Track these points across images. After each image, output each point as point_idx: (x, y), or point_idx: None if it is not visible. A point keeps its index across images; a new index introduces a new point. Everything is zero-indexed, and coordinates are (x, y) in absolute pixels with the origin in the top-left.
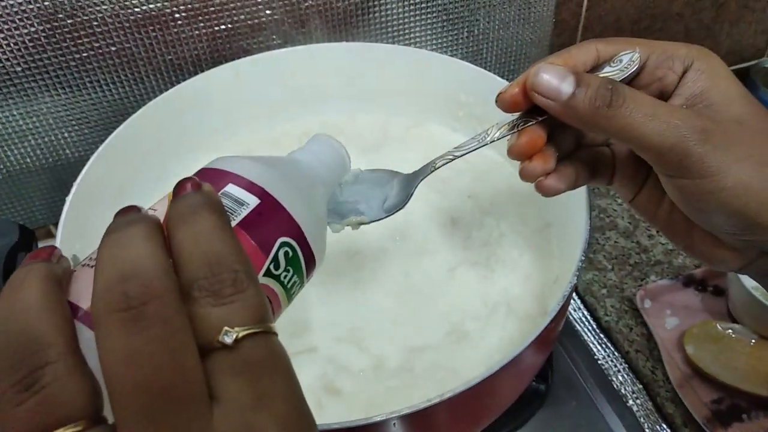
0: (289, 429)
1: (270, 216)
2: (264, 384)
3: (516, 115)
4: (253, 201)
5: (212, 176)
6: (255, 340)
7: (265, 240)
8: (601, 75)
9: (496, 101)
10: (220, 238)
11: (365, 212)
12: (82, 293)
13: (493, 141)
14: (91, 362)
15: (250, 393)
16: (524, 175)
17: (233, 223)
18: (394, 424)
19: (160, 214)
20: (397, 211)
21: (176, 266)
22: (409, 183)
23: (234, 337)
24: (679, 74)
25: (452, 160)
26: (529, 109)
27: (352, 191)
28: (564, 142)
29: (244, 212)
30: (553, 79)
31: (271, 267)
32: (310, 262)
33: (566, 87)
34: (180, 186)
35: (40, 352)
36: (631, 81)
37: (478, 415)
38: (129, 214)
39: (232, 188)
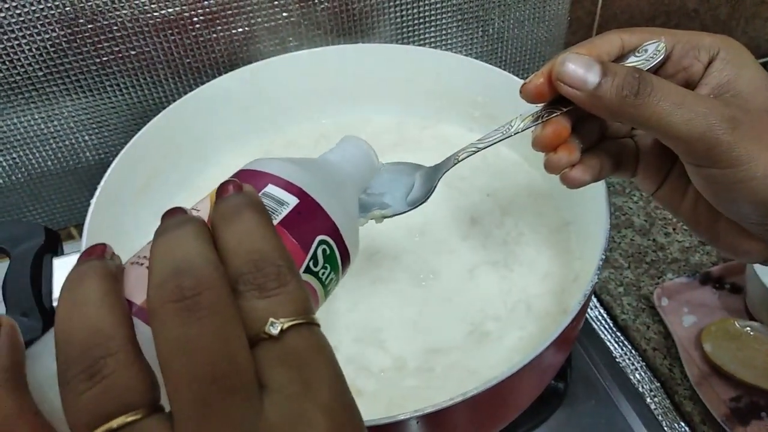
0: (335, 415)
1: (309, 215)
2: (310, 372)
3: (540, 106)
4: (292, 201)
5: (252, 177)
6: (300, 331)
7: (305, 238)
8: (627, 65)
9: (521, 92)
10: (262, 235)
11: (389, 205)
12: (134, 289)
13: (518, 132)
14: (147, 355)
15: (298, 381)
16: (549, 167)
17: (275, 222)
18: (417, 422)
19: (203, 214)
20: (421, 204)
21: (222, 263)
22: (432, 176)
23: (280, 327)
24: (705, 64)
25: (475, 152)
26: (553, 99)
27: (374, 185)
28: (588, 134)
29: (285, 211)
30: (579, 68)
31: (311, 264)
32: (345, 258)
33: (592, 77)
34: (222, 188)
35: (102, 344)
36: (657, 71)
37: (500, 414)
38: (177, 215)
39: (272, 189)
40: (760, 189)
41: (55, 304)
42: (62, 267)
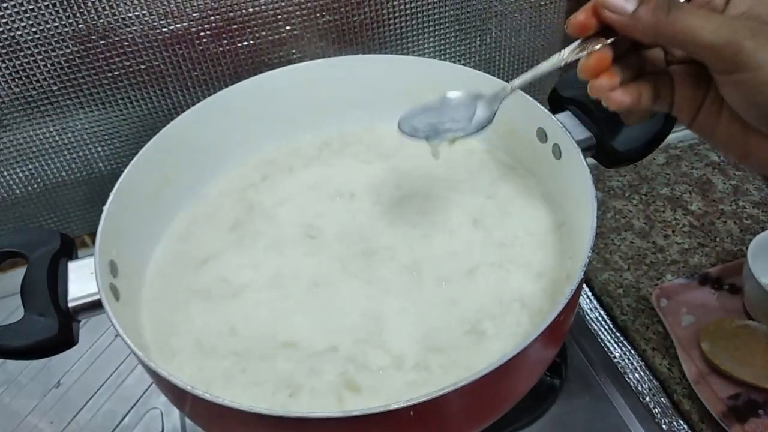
0: None
1: None
2: None
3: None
4: None
5: None
6: None
7: None
8: None
9: (567, 27)
10: None
11: (459, 128)
12: None
13: (567, 63)
14: None
15: None
16: (593, 91)
17: None
18: (411, 412)
19: None
20: (485, 127)
21: None
22: (492, 102)
23: None
24: None
25: (529, 81)
26: (595, 34)
27: (441, 113)
28: (628, 67)
29: None
30: None
31: None
32: None
33: (630, 5)
34: None
35: None
36: None
37: (493, 404)
38: None
39: None
40: None
41: (70, 305)
42: (77, 270)
